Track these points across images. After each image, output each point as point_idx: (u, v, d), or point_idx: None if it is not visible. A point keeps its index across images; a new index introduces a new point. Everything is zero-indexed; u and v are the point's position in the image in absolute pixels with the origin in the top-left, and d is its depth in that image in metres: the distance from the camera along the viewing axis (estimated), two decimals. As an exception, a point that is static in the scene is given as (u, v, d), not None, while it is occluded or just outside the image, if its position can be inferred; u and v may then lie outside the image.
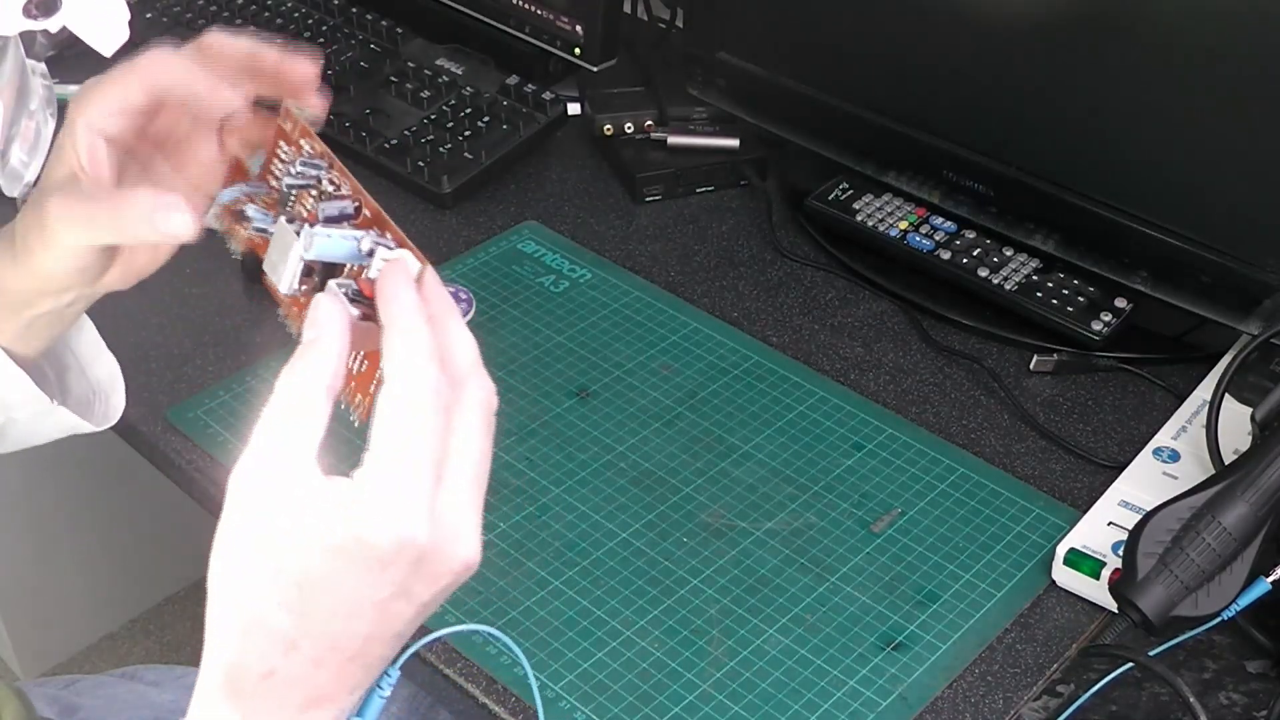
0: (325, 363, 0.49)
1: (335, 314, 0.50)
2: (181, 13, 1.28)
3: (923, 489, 0.83)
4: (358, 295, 0.53)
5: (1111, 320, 0.93)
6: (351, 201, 0.56)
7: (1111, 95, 0.88)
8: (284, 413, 0.49)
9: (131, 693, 0.98)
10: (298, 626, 0.47)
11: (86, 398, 0.74)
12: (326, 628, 0.48)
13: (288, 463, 0.48)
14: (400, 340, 0.49)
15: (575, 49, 1.15)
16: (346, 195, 0.56)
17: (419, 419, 0.48)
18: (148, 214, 0.58)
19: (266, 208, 0.60)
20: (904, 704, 0.70)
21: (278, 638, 0.47)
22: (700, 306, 0.98)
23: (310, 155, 0.58)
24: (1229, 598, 0.68)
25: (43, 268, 0.62)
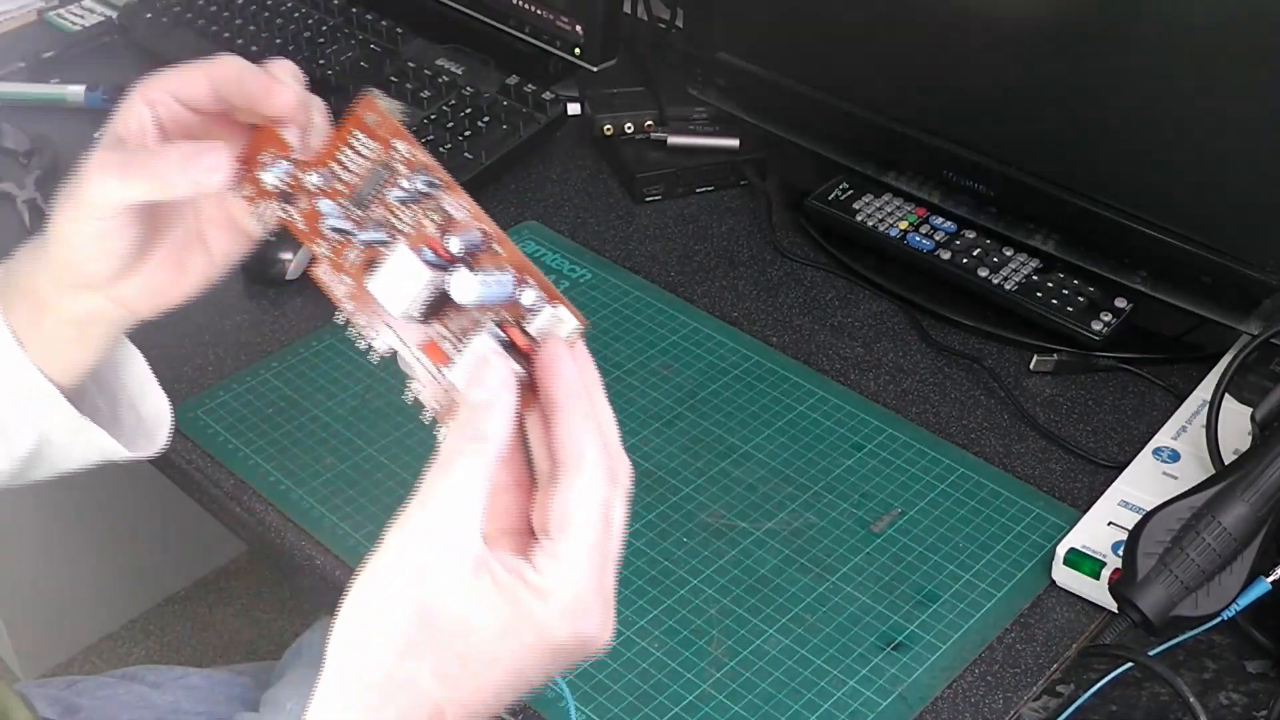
0: (500, 431, 0.48)
1: (509, 378, 0.49)
2: (182, 13, 1.28)
3: (923, 489, 0.83)
4: (508, 345, 0.51)
5: (1111, 320, 0.93)
6: (479, 232, 0.53)
7: (1111, 95, 0.88)
8: (457, 481, 0.47)
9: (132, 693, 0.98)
10: (450, 695, 0.47)
11: (133, 432, 0.73)
12: (476, 697, 0.47)
13: (462, 538, 0.47)
14: (570, 425, 0.49)
15: (575, 49, 1.15)
16: (474, 224, 0.53)
17: (600, 514, 0.48)
18: (182, 160, 0.57)
19: (334, 199, 0.57)
20: (904, 704, 0.70)
21: (425, 702, 0.47)
22: (700, 306, 0.98)
23: (424, 167, 0.54)
24: (1229, 598, 0.68)
25: (67, 239, 0.61)
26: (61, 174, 1.12)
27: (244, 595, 1.89)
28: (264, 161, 0.59)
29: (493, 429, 0.48)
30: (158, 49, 1.27)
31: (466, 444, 0.48)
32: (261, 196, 0.60)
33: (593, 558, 0.47)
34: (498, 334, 0.51)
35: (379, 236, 0.55)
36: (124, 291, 0.63)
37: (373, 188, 0.55)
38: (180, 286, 0.65)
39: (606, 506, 0.48)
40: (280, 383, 0.91)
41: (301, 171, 0.58)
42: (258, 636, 1.84)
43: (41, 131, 1.16)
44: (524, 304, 0.51)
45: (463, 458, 0.48)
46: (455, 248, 0.52)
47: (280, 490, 0.82)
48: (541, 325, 0.51)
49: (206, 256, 0.65)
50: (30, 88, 1.22)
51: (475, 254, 0.52)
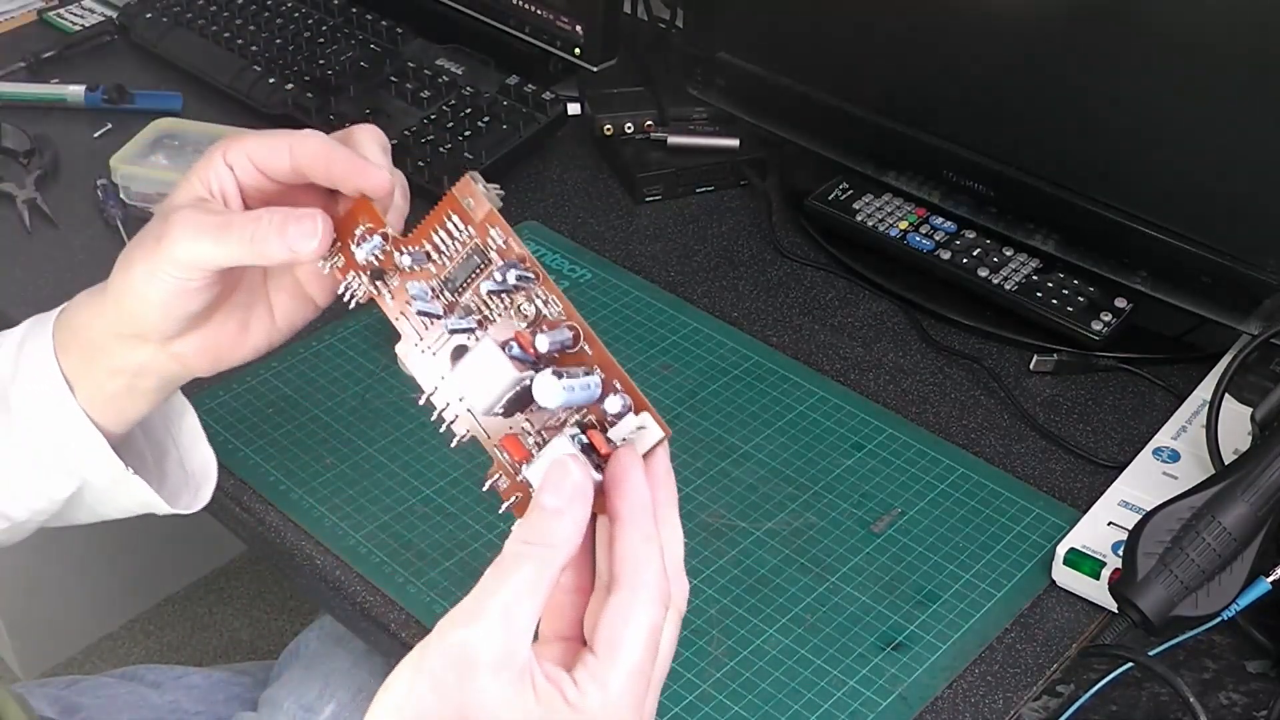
0: (568, 540, 0.48)
1: (584, 486, 0.48)
2: (181, 13, 1.28)
3: (923, 489, 0.83)
4: (588, 449, 0.50)
5: (1111, 320, 0.93)
6: (569, 330, 0.52)
7: (1112, 95, 0.88)
8: (516, 586, 0.47)
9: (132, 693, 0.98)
10: None
11: (177, 486, 0.72)
12: None
13: (511, 645, 0.46)
14: (630, 543, 0.48)
15: (575, 49, 1.15)
16: (563, 322, 0.52)
17: (647, 639, 0.47)
18: (279, 226, 0.56)
19: (424, 281, 0.56)
20: (904, 704, 0.70)
21: None
22: (700, 306, 0.98)
23: (519, 259, 0.53)
24: (1229, 598, 0.68)
25: (139, 293, 0.59)
26: (61, 174, 1.12)
27: (244, 595, 1.89)
28: (358, 235, 0.58)
29: (560, 537, 0.47)
30: (158, 49, 1.27)
31: (531, 549, 0.47)
32: (351, 268, 0.59)
33: (635, 683, 0.47)
34: (580, 437, 0.50)
35: (467, 325, 0.54)
36: (182, 348, 0.63)
37: (464, 273, 0.54)
38: (240, 348, 0.64)
39: (655, 631, 0.48)
40: (280, 383, 0.91)
41: (394, 249, 0.57)
42: (257, 636, 1.84)
43: (41, 131, 1.16)
44: (609, 411, 0.50)
45: (525, 563, 0.47)
46: (544, 346, 0.51)
47: (280, 490, 0.82)
48: (622, 433, 0.50)
49: (270, 320, 0.64)
50: (30, 88, 1.22)
51: (564, 352, 0.51)
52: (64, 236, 1.06)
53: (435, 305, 0.55)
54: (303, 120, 1.15)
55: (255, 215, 0.57)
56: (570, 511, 0.48)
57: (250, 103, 1.18)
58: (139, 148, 1.07)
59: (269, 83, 1.18)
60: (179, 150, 1.08)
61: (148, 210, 1.06)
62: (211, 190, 0.60)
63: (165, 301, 0.59)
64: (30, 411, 0.65)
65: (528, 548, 0.47)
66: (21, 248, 1.05)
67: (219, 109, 1.18)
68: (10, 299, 0.99)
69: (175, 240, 0.58)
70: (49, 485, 0.67)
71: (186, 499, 0.72)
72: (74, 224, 1.07)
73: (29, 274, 1.01)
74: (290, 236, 0.56)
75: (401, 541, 0.79)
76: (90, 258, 1.03)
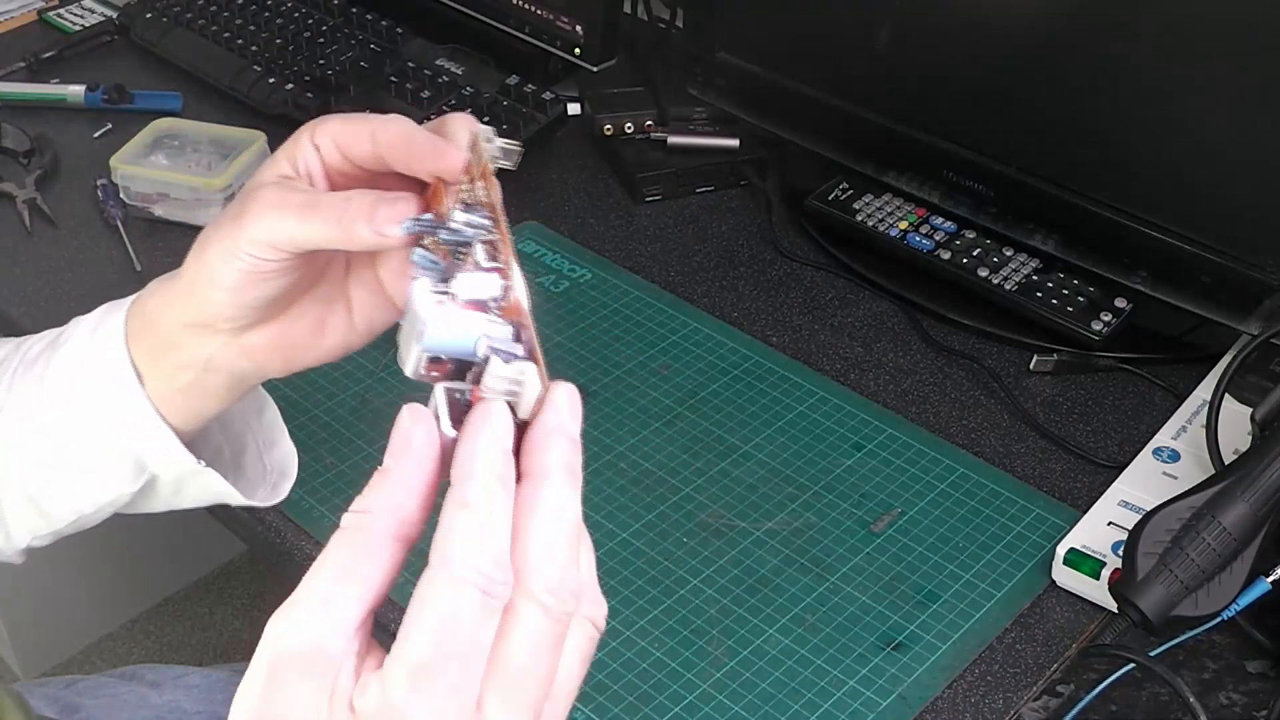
0: (392, 504, 0.40)
1: (418, 440, 0.40)
2: (181, 13, 1.28)
3: (923, 489, 0.83)
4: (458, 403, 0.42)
5: (1111, 320, 0.93)
6: (501, 280, 0.46)
7: (1111, 95, 0.88)
8: (334, 563, 0.39)
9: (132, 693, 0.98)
10: None
11: (257, 479, 0.70)
12: None
13: (323, 635, 0.39)
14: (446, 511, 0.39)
15: (575, 49, 1.15)
16: (497, 269, 0.46)
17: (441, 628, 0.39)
18: (370, 208, 0.52)
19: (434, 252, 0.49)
20: (904, 704, 0.70)
21: None
22: (700, 306, 0.98)
23: (482, 204, 0.49)
24: (1229, 598, 0.68)
25: (212, 276, 0.56)
26: (61, 174, 1.13)
27: (244, 595, 1.89)
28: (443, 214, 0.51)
29: (381, 502, 0.40)
30: (158, 49, 1.27)
31: (351, 519, 0.40)
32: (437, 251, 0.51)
33: (420, 686, 0.38)
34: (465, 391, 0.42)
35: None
36: (254, 341, 0.60)
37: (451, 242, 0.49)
38: (316, 349, 0.61)
39: (450, 622, 0.38)
40: (280, 382, 0.90)
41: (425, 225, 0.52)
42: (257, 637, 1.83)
43: (41, 131, 1.16)
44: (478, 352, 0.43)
45: (342, 537, 0.40)
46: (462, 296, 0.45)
47: (280, 490, 0.82)
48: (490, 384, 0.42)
49: (348, 321, 0.61)
50: (30, 88, 1.22)
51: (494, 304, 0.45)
52: (64, 236, 1.06)
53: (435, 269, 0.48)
54: (303, 120, 1.15)
55: (345, 196, 0.54)
56: (398, 471, 0.40)
57: (250, 103, 1.18)
58: (139, 148, 1.07)
59: (269, 83, 1.18)
60: (179, 150, 1.08)
61: (148, 210, 1.06)
62: (298, 170, 0.57)
63: (238, 284, 0.56)
64: (100, 403, 0.62)
65: (350, 517, 0.40)
66: (21, 248, 1.05)
67: (219, 109, 1.18)
68: (10, 299, 0.99)
69: (256, 217, 0.54)
70: (118, 479, 0.65)
71: (264, 492, 0.69)
72: (74, 224, 1.07)
73: (29, 274, 1.01)
74: (379, 220, 0.52)
75: (401, 541, 0.79)
76: (90, 258, 1.03)
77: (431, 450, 0.40)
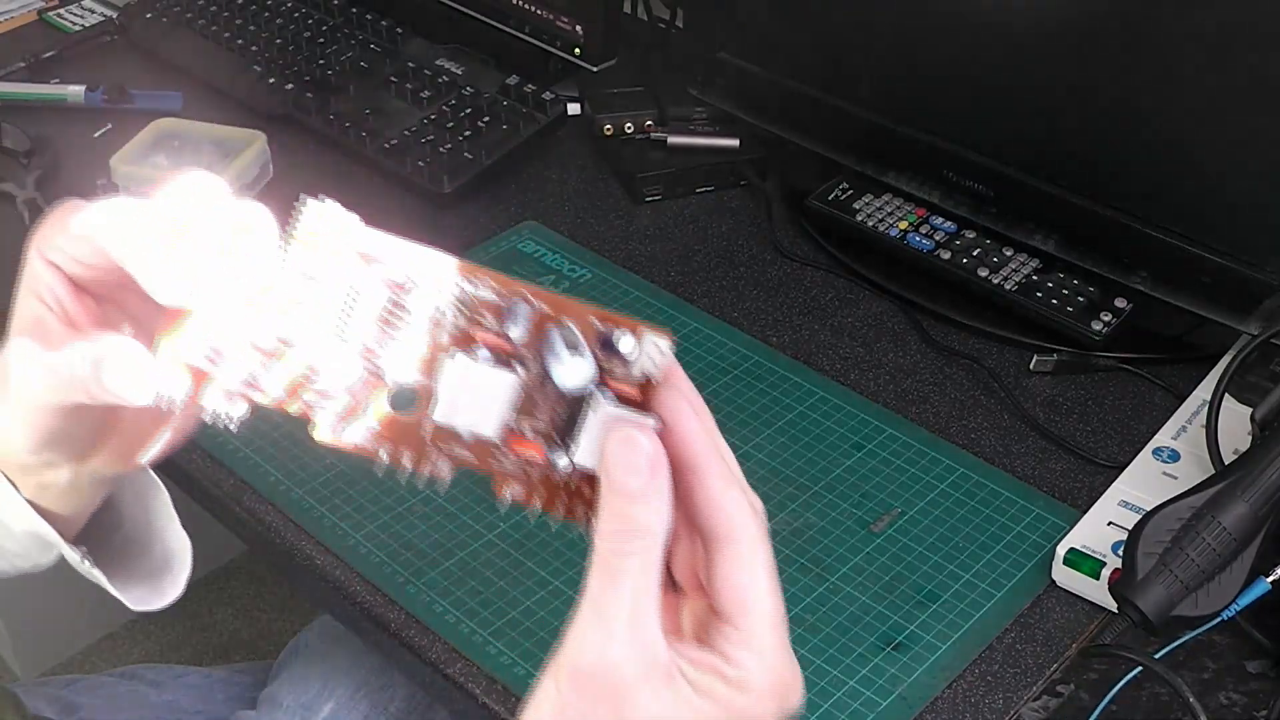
0: (664, 518, 0.43)
1: (658, 453, 0.43)
2: (181, 13, 1.28)
3: (923, 489, 0.83)
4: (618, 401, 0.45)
5: (1111, 320, 0.93)
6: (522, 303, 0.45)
7: (1111, 95, 0.88)
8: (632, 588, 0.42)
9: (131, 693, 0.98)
10: None
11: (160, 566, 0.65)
12: None
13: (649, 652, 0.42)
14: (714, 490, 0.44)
15: (575, 49, 1.15)
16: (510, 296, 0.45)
17: (770, 582, 0.44)
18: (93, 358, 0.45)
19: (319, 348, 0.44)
20: (904, 704, 0.70)
21: None
22: (700, 306, 0.98)
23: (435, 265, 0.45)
24: (1229, 598, 0.68)
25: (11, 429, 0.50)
26: (61, 174, 1.12)
27: (244, 595, 1.89)
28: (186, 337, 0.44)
29: (656, 520, 0.43)
30: (158, 49, 1.27)
31: (631, 543, 0.43)
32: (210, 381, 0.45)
33: (777, 630, 0.44)
34: (605, 391, 0.44)
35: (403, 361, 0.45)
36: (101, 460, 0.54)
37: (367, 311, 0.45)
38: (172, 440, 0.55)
39: (773, 570, 0.44)
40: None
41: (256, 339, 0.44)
42: (257, 636, 1.84)
43: (41, 131, 1.16)
44: (625, 353, 0.45)
45: (631, 560, 0.43)
46: (519, 334, 0.44)
47: (280, 490, 0.82)
48: (641, 366, 0.45)
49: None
50: (30, 88, 1.22)
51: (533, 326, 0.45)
52: (64, 236, 1.06)
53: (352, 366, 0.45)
54: (303, 120, 1.15)
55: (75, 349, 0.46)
56: (655, 488, 0.43)
57: (250, 103, 1.18)
58: (139, 148, 1.07)
59: (269, 83, 1.18)
60: (179, 150, 1.08)
61: (148, 210, 1.06)
62: (46, 302, 0.50)
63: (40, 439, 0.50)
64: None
65: (626, 542, 0.43)
66: (22, 248, 1.04)
67: (219, 109, 1.18)
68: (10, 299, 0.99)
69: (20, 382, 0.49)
70: (30, 554, 0.63)
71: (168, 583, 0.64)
72: (74, 224, 1.07)
73: (29, 274, 1.01)
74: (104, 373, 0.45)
75: (401, 541, 0.79)
76: (90, 257, 1.03)
77: (666, 458, 0.44)
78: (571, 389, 0.44)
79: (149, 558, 0.65)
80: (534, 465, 0.46)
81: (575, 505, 0.46)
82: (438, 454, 0.46)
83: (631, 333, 0.45)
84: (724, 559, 0.44)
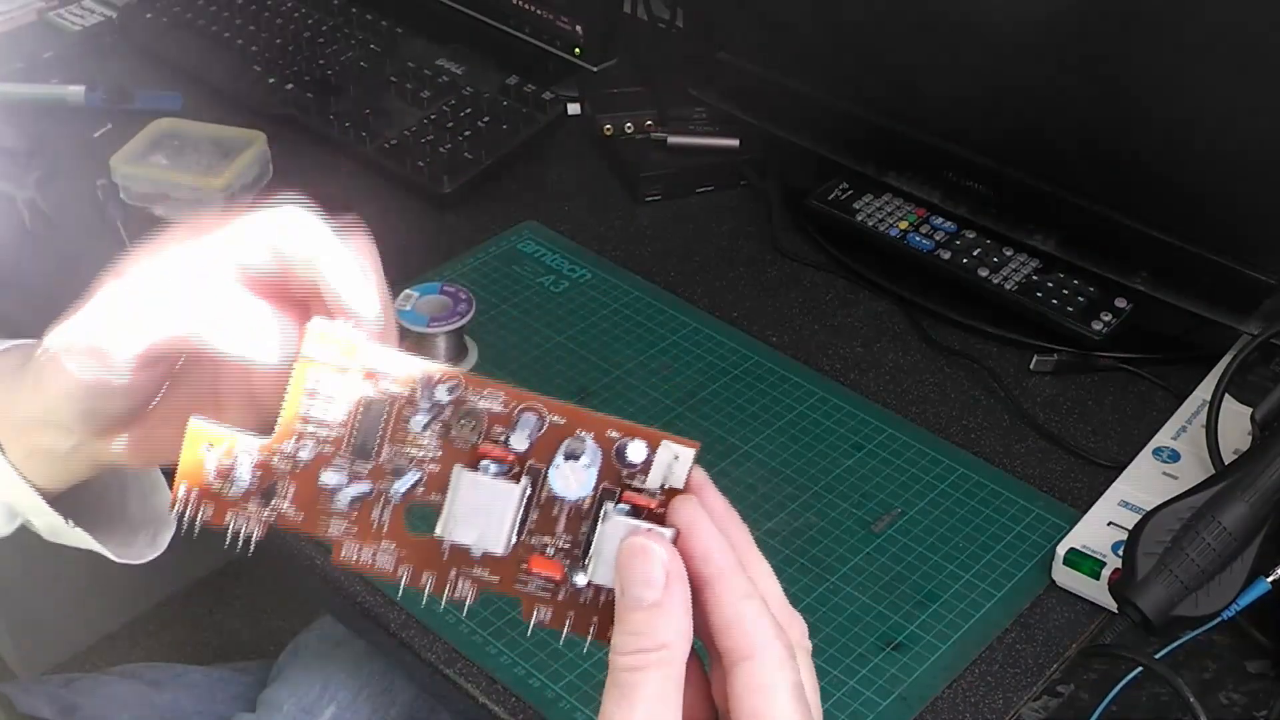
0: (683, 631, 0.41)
1: (676, 564, 0.42)
2: (181, 13, 1.28)
3: (923, 489, 0.83)
4: (633, 514, 0.43)
5: (1111, 320, 0.93)
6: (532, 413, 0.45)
7: (1111, 96, 0.88)
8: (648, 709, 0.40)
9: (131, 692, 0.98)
10: None
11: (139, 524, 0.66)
12: None
13: None
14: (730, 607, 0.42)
15: (575, 49, 1.15)
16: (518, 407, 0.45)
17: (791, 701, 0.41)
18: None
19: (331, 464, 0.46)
20: (904, 704, 0.70)
21: None
22: (700, 306, 0.98)
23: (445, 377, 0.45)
24: (1229, 598, 0.68)
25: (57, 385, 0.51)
26: (61, 174, 1.12)
27: (244, 595, 1.89)
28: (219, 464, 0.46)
29: (674, 631, 0.41)
30: (158, 49, 1.27)
31: (649, 657, 0.41)
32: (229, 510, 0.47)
33: None
34: (622, 508, 0.43)
35: (414, 478, 0.46)
36: (113, 443, 0.55)
37: (374, 430, 0.46)
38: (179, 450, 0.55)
39: (797, 689, 0.41)
40: (280, 382, 0.91)
41: (268, 456, 0.46)
42: (257, 636, 1.84)
43: (41, 131, 1.16)
44: (631, 461, 0.44)
45: (649, 675, 0.41)
46: (522, 444, 0.44)
47: (280, 490, 0.82)
48: (659, 476, 0.43)
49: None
50: (30, 88, 1.22)
51: (541, 438, 0.45)
52: (64, 236, 1.06)
53: (362, 485, 0.46)
54: (303, 120, 1.15)
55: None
56: (673, 599, 0.41)
57: (250, 103, 1.18)
58: (139, 148, 1.07)
59: (269, 83, 1.18)
60: (179, 150, 1.08)
61: (148, 210, 1.06)
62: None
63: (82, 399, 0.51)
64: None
65: (644, 657, 0.41)
66: (21, 248, 1.05)
67: (219, 109, 1.18)
68: (10, 299, 0.99)
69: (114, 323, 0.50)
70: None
71: (144, 539, 0.65)
72: (74, 224, 1.07)
73: (29, 274, 1.01)
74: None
75: (401, 541, 0.79)
76: (90, 258, 1.03)
77: (684, 570, 0.42)
78: (569, 499, 0.44)
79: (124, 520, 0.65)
80: (558, 585, 0.45)
81: (607, 627, 0.44)
82: (459, 575, 0.46)
83: (646, 441, 0.44)
84: (739, 680, 0.41)
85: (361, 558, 0.46)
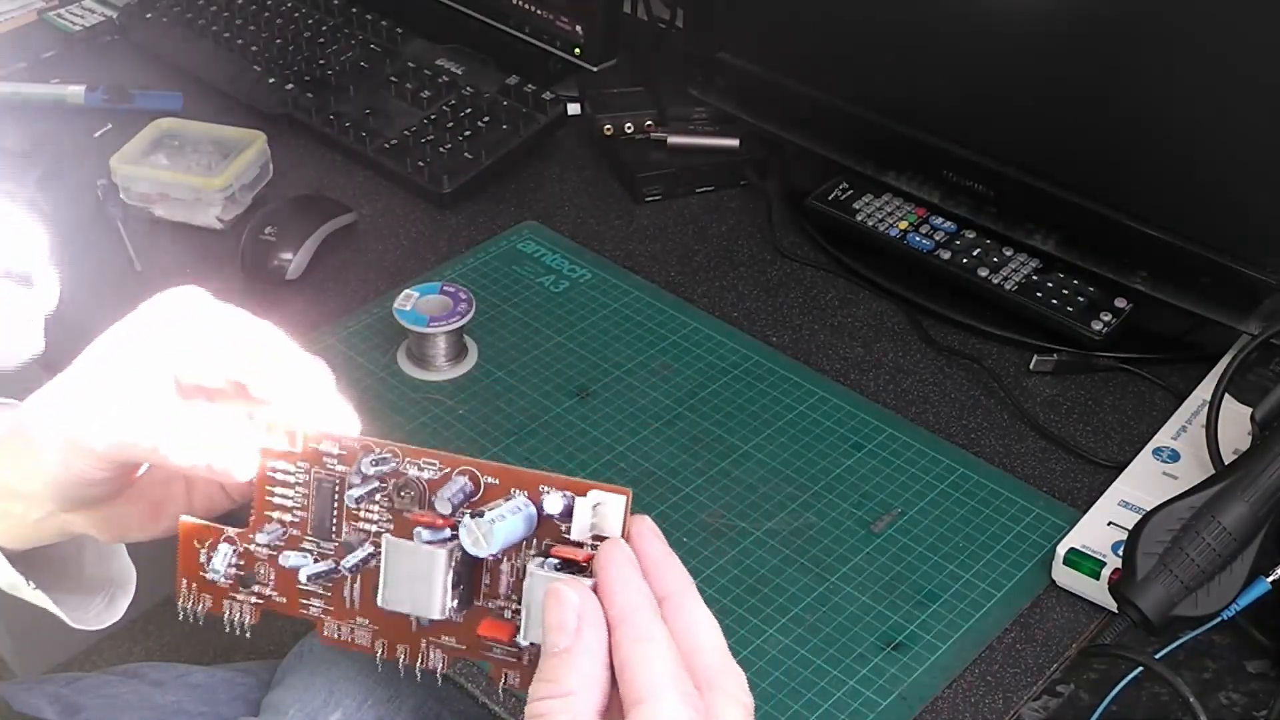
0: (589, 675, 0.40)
1: (589, 607, 0.41)
2: (181, 13, 1.28)
3: (923, 489, 0.83)
4: (568, 567, 0.43)
5: (1111, 320, 0.93)
6: (461, 477, 0.45)
7: (1112, 96, 0.88)
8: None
9: (134, 692, 0.97)
10: None
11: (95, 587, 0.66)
12: None
13: None
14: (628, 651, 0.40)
15: (575, 49, 1.15)
16: (450, 472, 0.46)
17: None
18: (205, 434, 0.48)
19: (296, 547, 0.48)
20: (904, 704, 0.70)
21: None
22: (700, 306, 0.98)
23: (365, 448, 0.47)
24: (1229, 598, 0.68)
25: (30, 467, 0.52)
26: (61, 174, 1.12)
27: (244, 595, 1.89)
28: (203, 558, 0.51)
29: (582, 678, 0.40)
30: (158, 49, 1.27)
31: (548, 704, 0.40)
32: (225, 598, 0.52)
33: None
34: (550, 563, 0.43)
35: (366, 552, 0.47)
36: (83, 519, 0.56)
37: (328, 508, 0.48)
38: (151, 529, 0.58)
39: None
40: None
41: (248, 544, 0.50)
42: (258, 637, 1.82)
43: (41, 131, 1.16)
44: (553, 514, 0.44)
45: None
46: (447, 508, 0.45)
47: (280, 490, 0.82)
48: (583, 525, 0.44)
49: (187, 504, 0.58)
50: (30, 88, 1.22)
51: (472, 501, 0.45)
52: (64, 236, 1.06)
53: (323, 563, 0.48)
54: (303, 120, 1.15)
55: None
56: (583, 645, 0.40)
57: (250, 103, 1.18)
58: (139, 148, 1.07)
59: (269, 83, 1.18)
60: (179, 150, 1.08)
61: (148, 210, 1.06)
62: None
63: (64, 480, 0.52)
64: None
65: (548, 704, 0.40)
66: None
67: (219, 109, 1.18)
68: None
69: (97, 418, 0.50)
70: None
71: (99, 605, 0.65)
72: (74, 224, 1.07)
73: (29, 274, 1.01)
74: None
75: (401, 541, 0.79)
76: (90, 258, 1.03)
77: (601, 615, 0.41)
78: (480, 555, 0.44)
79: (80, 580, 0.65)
80: (521, 649, 0.45)
81: None
82: (428, 646, 0.46)
83: (566, 492, 0.44)
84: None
85: (341, 634, 0.48)
